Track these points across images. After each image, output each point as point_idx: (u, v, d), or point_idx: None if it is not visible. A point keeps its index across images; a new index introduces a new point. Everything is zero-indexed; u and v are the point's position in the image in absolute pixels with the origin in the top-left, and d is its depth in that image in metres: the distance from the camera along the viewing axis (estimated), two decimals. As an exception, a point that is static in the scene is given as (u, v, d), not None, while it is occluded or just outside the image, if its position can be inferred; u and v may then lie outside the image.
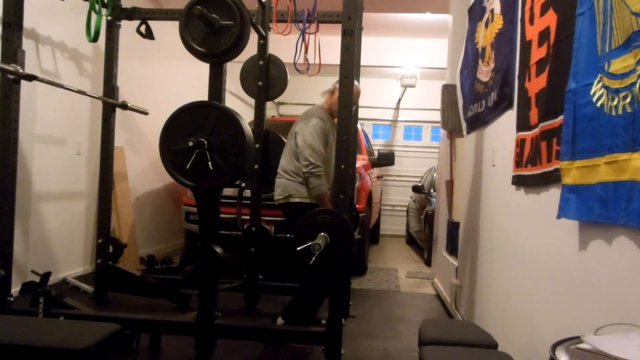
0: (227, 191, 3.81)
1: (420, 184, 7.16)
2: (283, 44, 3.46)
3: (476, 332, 2.16)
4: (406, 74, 7.99)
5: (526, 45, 2.18)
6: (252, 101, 3.67)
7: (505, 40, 2.52)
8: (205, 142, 2.49)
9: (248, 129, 2.68)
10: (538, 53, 2.01)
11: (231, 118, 2.55)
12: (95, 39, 3.40)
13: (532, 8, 2.12)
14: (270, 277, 3.82)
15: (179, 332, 2.71)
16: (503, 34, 2.58)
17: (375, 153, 6.74)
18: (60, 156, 4.13)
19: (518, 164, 2.23)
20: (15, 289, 2.98)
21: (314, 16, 3.21)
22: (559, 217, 1.65)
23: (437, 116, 5.00)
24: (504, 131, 2.52)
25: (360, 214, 4.65)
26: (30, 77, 2.78)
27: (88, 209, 4.50)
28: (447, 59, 4.85)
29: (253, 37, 2.94)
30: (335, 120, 2.71)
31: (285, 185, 3.10)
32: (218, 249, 2.59)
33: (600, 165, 1.39)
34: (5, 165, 2.73)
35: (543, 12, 1.98)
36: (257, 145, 3.33)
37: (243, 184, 3.36)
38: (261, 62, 3.50)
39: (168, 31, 4.09)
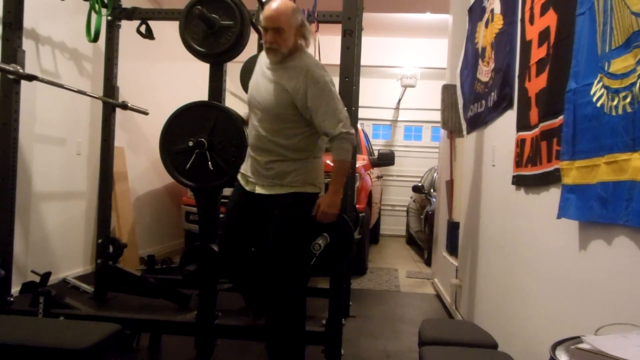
0: (227, 191, 3.81)
1: (420, 184, 7.16)
2: (283, 44, 3.46)
3: (476, 332, 2.16)
4: (406, 74, 7.99)
5: (526, 45, 2.18)
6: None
7: (505, 40, 2.52)
8: (205, 142, 2.49)
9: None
10: (538, 53, 2.01)
11: (231, 118, 2.56)
12: (95, 39, 3.40)
13: (532, 8, 2.12)
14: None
15: (179, 332, 2.71)
16: (503, 34, 2.58)
17: (375, 153, 6.74)
18: (60, 156, 4.13)
19: (518, 164, 2.23)
20: (15, 289, 2.97)
21: (314, 16, 3.21)
22: (559, 217, 1.65)
23: (437, 116, 5.00)
24: (504, 131, 2.52)
25: (360, 214, 4.65)
26: (31, 77, 2.78)
27: (88, 209, 4.49)
28: (447, 59, 4.85)
29: (253, 37, 2.94)
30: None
31: None
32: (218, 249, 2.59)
33: (600, 165, 1.39)
34: (5, 165, 2.73)
35: (543, 12, 1.98)
36: (257, 145, 3.33)
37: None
38: (261, 62, 3.50)
39: (168, 31, 4.08)
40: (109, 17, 3.49)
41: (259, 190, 2.31)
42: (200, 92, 3.33)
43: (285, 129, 2.27)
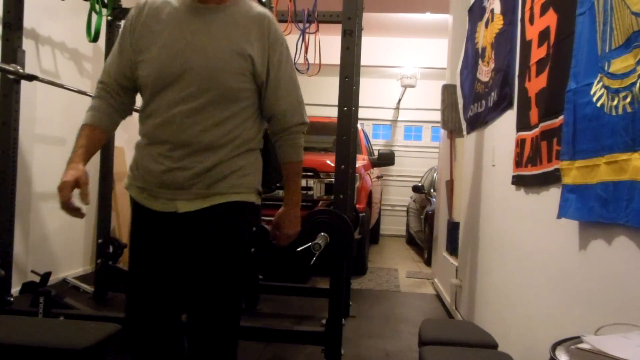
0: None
1: (420, 184, 7.17)
2: (283, 44, 3.46)
3: (476, 332, 2.16)
4: (406, 74, 8.00)
5: (526, 45, 2.18)
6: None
7: (505, 40, 2.52)
8: (205, 142, 2.48)
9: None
10: (538, 53, 2.01)
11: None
12: (95, 39, 3.40)
13: (532, 8, 2.12)
14: (270, 277, 3.82)
15: (179, 332, 2.70)
16: (503, 34, 2.58)
17: (375, 153, 6.74)
18: (60, 156, 4.13)
19: (518, 164, 2.23)
20: (15, 289, 2.97)
21: (314, 16, 3.21)
22: (559, 217, 1.65)
23: (437, 116, 5.00)
24: (504, 131, 2.52)
25: (360, 214, 4.65)
26: (31, 77, 2.78)
27: (88, 209, 4.48)
28: (447, 59, 4.85)
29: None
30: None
31: None
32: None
33: (600, 165, 1.39)
34: (5, 165, 2.73)
35: (543, 12, 1.98)
36: (257, 145, 3.32)
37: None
38: (261, 62, 3.49)
39: (168, 31, 4.08)
40: (109, 17, 3.49)
41: (184, 207, 1.48)
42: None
43: (239, 112, 1.49)
